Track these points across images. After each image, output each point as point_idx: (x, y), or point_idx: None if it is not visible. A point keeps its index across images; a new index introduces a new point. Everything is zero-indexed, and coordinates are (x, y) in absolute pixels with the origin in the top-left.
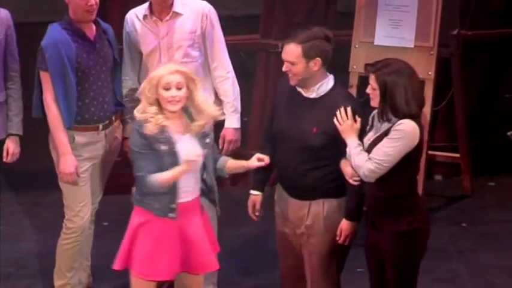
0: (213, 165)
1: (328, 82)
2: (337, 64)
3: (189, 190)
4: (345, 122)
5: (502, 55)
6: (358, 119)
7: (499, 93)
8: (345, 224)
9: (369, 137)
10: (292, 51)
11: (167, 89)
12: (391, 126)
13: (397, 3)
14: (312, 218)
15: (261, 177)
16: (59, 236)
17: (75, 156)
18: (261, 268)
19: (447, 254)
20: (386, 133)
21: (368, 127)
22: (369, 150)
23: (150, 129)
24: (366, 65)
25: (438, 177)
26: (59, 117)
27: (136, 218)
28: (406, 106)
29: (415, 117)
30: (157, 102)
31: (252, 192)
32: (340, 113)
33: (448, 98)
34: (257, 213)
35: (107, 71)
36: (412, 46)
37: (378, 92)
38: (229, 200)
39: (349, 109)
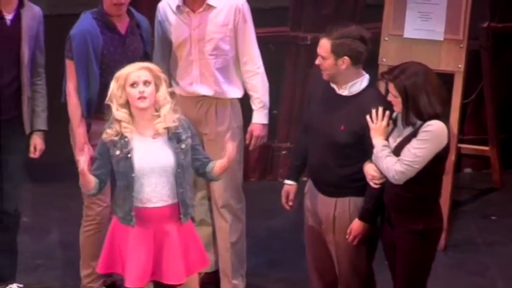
0: (202, 170)
1: (362, 82)
2: (366, 57)
3: (157, 196)
4: (379, 122)
5: None
6: (391, 123)
7: None
8: (355, 224)
9: (394, 139)
10: (323, 45)
11: (134, 85)
12: (418, 128)
13: None
14: (338, 215)
15: (296, 167)
16: None
17: (92, 146)
18: (289, 260)
19: (476, 247)
20: (414, 135)
21: (390, 128)
22: (394, 152)
23: (109, 134)
24: (382, 74)
25: (467, 170)
26: (78, 106)
27: (113, 224)
28: (430, 107)
29: (440, 116)
30: (128, 105)
31: (287, 181)
32: (377, 112)
33: (478, 91)
34: (290, 203)
35: None
36: (442, 39)
37: (399, 99)
38: (257, 193)
39: (387, 112)
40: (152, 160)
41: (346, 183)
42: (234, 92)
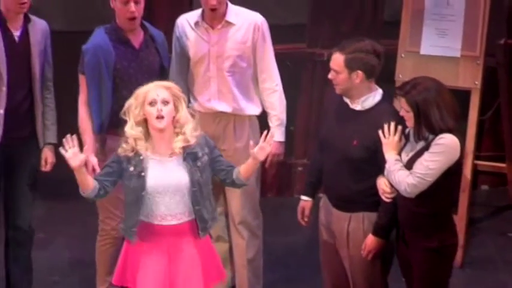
0: (229, 180)
1: (375, 96)
2: (383, 73)
3: (172, 214)
4: (391, 136)
5: None
6: (403, 138)
7: None
8: (369, 239)
9: (406, 153)
10: (336, 59)
11: (153, 104)
12: (431, 142)
13: (444, 13)
14: (352, 230)
15: (312, 184)
16: None
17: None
18: (305, 277)
19: (494, 265)
20: (427, 148)
21: (403, 143)
22: (407, 166)
23: (124, 149)
24: (395, 89)
25: (484, 187)
26: (87, 120)
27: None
28: (442, 122)
29: (453, 131)
30: (145, 124)
31: (303, 197)
32: (389, 127)
33: (495, 108)
34: (306, 219)
35: (150, 79)
36: (459, 55)
37: (411, 114)
38: (274, 209)
39: (399, 127)
40: (166, 179)
41: (360, 198)
42: (252, 109)
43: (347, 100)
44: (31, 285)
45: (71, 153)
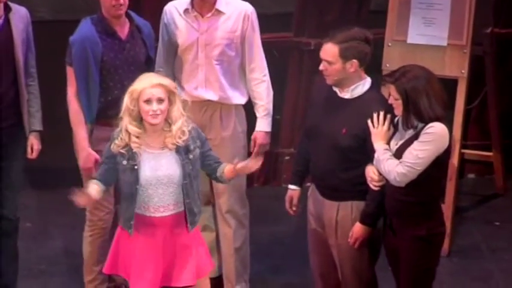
0: (214, 175)
1: (364, 84)
2: (370, 62)
3: (164, 205)
4: (380, 126)
5: None
6: (392, 127)
7: None
8: (357, 227)
9: (395, 142)
10: (329, 50)
11: (148, 102)
12: (420, 131)
13: (431, 2)
14: (341, 219)
15: (299, 172)
16: None
17: (95, 151)
18: (292, 266)
19: (480, 253)
20: (416, 137)
21: (391, 132)
22: (396, 155)
23: (118, 145)
24: (383, 76)
25: (471, 175)
26: (79, 112)
27: (119, 229)
28: (431, 110)
29: (441, 119)
30: (140, 118)
31: (290, 186)
32: (377, 117)
33: (482, 97)
34: (294, 208)
35: (136, 70)
36: (445, 44)
37: (400, 102)
38: (261, 198)
39: (388, 116)
40: (159, 172)
41: (349, 186)
42: (239, 98)
43: (336, 89)
44: (17, 275)
45: (83, 202)
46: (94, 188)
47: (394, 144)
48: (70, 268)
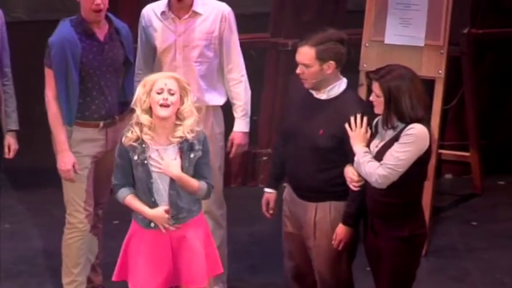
0: None
1: (340, 85)
2: (346, 63)
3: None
4: (358, 129)
5: None
6: (369, 130)
7: (509, 92)
8: (340, 229)
9: (375, 144)
10: (306, 53)
11: (160, 93)
12: (400, 132)
13: (408, 2)
14: (319, 220)
15: (275, 175)
16: None
17: (74, 153)
18: (269, 266)
19: (457, 253)
20: (396, 139)
21: (369, 134)
22: (376, 157)
23: (129, 138)
24: (368, 73)
25: (448, 175)
26: (58, 114)
27: (131, 228)
28: (412, 110)
29: (422, 120)
30: (151, 112)
31: (266, 190)
32: (355, 119)
33: (459, 97)
34: (271, 211)
35: (114, 72)
36: (423, 45)
37: (382, 99)
38: (238, 199)
39: (365, 118)
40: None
41: (327, 187)
42: (217, 99)
43: (312, 90)
44: None
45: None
46: (131, 198)
47: (375, 146)
48: (49, 269)
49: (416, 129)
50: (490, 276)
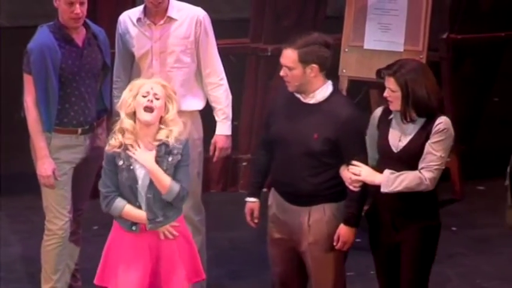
0: None
1: (327, 88)
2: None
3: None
4: (363, 169)
5: (491, 59)
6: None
7: (488, 97)
8: (343, 229)
9: (397, 138)
10: (289, 56)
11: (145, 96)
12: (424, 127)
13: (387, 7)
14: (314, 223)
15: (257, 184)
16: None
17: (53, 159)
18: (250, 272)
19: (437, 258)
20: (426, 137)
21: (373, 127)
22: (404, 151)
23: (112, 146)
24: (379, 70)
25: None
26: (37, 120)
27: (112, 232)
28: (429, 102)
29: (437, 110)
30: (134, 117)
31: (249, 199)
32: (354, 166)
33: None
34: (256, 221)
35: (93, 77)
36: (402, 50)
37: (398, 94)
38: (218, 204)
39: (357, 162)
40: (143, 172)
41: (321, 191)
42: (195, 104)
43: (299, 95)
44: None
45: None
46: (130, 209)
47: (397, 140)
48: (28, 275)
49: (444, 123)
50: (470, 282)
